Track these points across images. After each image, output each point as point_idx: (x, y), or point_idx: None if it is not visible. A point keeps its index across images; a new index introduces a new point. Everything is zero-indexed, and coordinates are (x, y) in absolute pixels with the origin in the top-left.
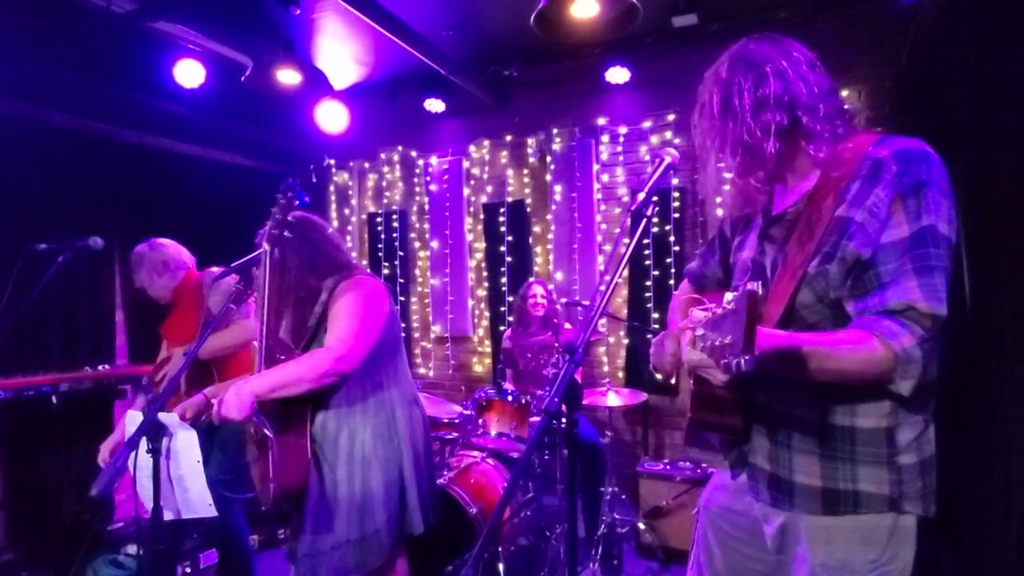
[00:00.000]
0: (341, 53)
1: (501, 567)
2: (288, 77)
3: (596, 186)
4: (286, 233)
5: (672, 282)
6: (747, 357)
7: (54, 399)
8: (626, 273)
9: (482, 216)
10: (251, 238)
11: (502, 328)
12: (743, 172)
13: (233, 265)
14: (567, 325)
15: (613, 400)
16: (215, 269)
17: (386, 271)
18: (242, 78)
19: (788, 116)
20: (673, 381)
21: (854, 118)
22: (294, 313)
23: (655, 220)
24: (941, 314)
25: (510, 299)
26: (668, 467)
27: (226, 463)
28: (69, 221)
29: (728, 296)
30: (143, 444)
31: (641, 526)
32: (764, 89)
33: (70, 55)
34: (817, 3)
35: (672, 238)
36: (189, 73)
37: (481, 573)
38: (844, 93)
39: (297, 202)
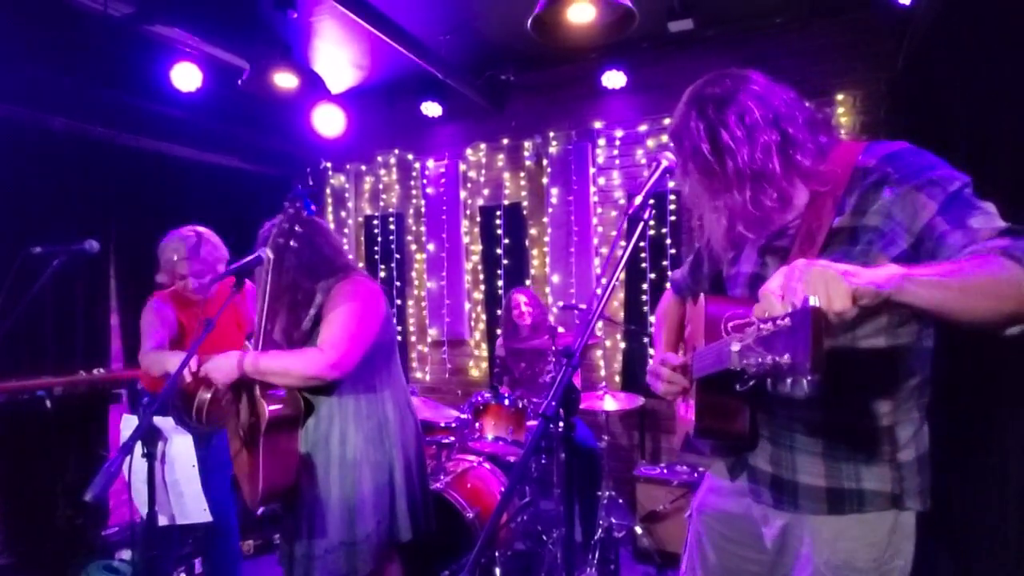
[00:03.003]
0: (338, 57)
1: (498, 572)
2: (285, 80)
3: (592, 189)
4: (291, 243)
5: (668, 286)
6: (811, 378)
7: (48, 403)
8: (622, 276)
9: (479, 219)
10: (248, 241)
11: (498, 332)
12: (756, 199)
13: (230, 268)
14: (560, 329)
15: (610, 404)
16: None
17: (382, 274)
18: (239, 81)
19: (778, 132)
20: None
21: (830, 123)
22: (288, 317)
23: (651, 223)
24: (1022, 227)
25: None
26: (665, 471)
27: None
28: (65, 224)
29: (761, 309)
30: (138, 449)
31: (638, 530)
32: (749, 116)
33: (67, 58)
34: (813, 8)
35: (668, 241)
36: (186, 76)
37: None
38: (839, 97)
39: (305, 212)
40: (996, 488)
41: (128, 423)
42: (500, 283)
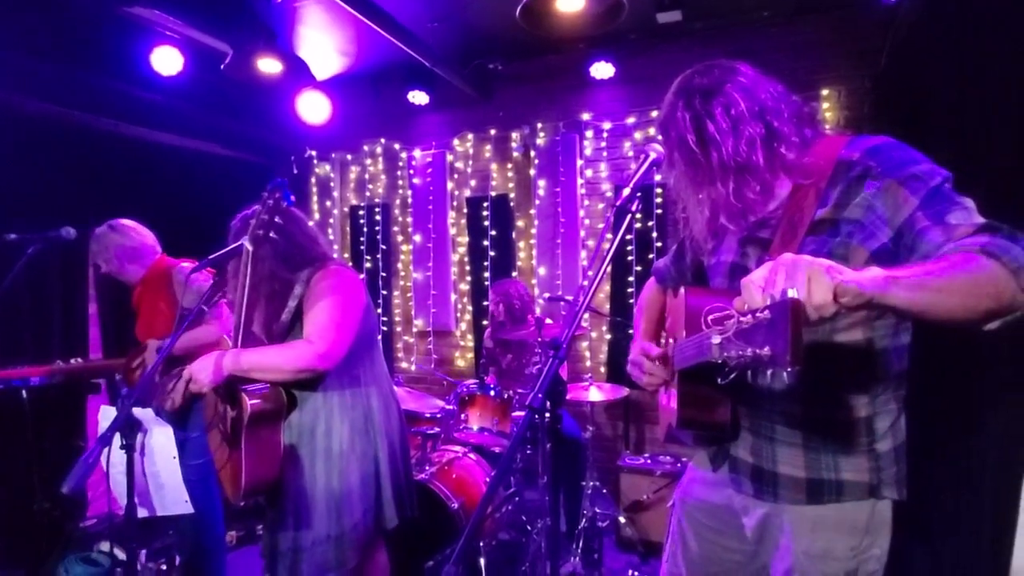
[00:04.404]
0: (323, 43)
1: (482, 561)
2: (269, 66)
3: (580, 181)
4: (271, 234)
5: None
6: (791, 370)
7: (24, 393)
8: (609, 268)
9: (465, 210)
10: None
11: (484, 323)
12: (739, 191)
13: (208, 259)
14: (548, 320)
15: (595, 395)
16: (186, 264)
17: (368, 264)
18: (222, 66)
19: (763, 124)
20: None
21: (815, 117)
22: (267, 308)
23: (638, 216)
24: (999, 223)
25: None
26: (648, 461)
27: (200, 447)
28: (42, 211)
29: (742, 301)
30: (116, 440)
31: (622, 520)
32: (735, 108)
33: (44, 40)
34: (799, 3)
35: (655, 234)
36: (167, 60)
37: (462, 569)
38: (824, 92)
39: (285, 203)
40: (971, 478)
41: (106, 414)
42: (487, 275)
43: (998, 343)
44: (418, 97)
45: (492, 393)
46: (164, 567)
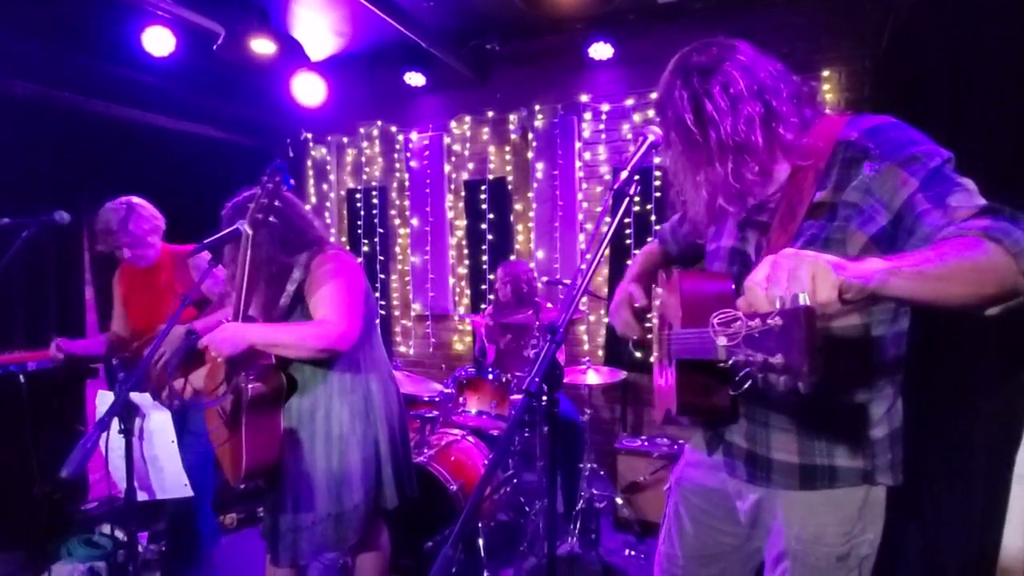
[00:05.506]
0: (318, 23)
1: (481, 542)
2: (262, 47)
3: (578, 164)
4: (270, 218)
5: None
6: (809, 380)
7: (21, 378)
8: (607, 252)
9: (463, 193)
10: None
11: (483, 306)
12: (738, 172)
13: (206, 242)
14: (548, 305)
15: (593, 378)
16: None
17: (365, 248)
18: (214, 47)
19: (762, 104)
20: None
21: (815, 97)
22: (266, 292)
23: (636, 199)
24: (1000, 206)
25: (491, 277)
26: (646, 443)
27: (198, 444)
28: (32, 194)
29: (747, 302)
30: (115, 424)
31: (619, 501)
32: (734, 86)
33: (31, 20)
34: None
35: (653, 217)
36: (158, 41)
37: (460, 549)
38: (825, 73)
39: (284, 187)
40: (963, 465)
41: (104, 399)
42: (484, 258)
43: (990, 331)
44: (415, 79)
45: (490, 376)
46: (165, 548)
